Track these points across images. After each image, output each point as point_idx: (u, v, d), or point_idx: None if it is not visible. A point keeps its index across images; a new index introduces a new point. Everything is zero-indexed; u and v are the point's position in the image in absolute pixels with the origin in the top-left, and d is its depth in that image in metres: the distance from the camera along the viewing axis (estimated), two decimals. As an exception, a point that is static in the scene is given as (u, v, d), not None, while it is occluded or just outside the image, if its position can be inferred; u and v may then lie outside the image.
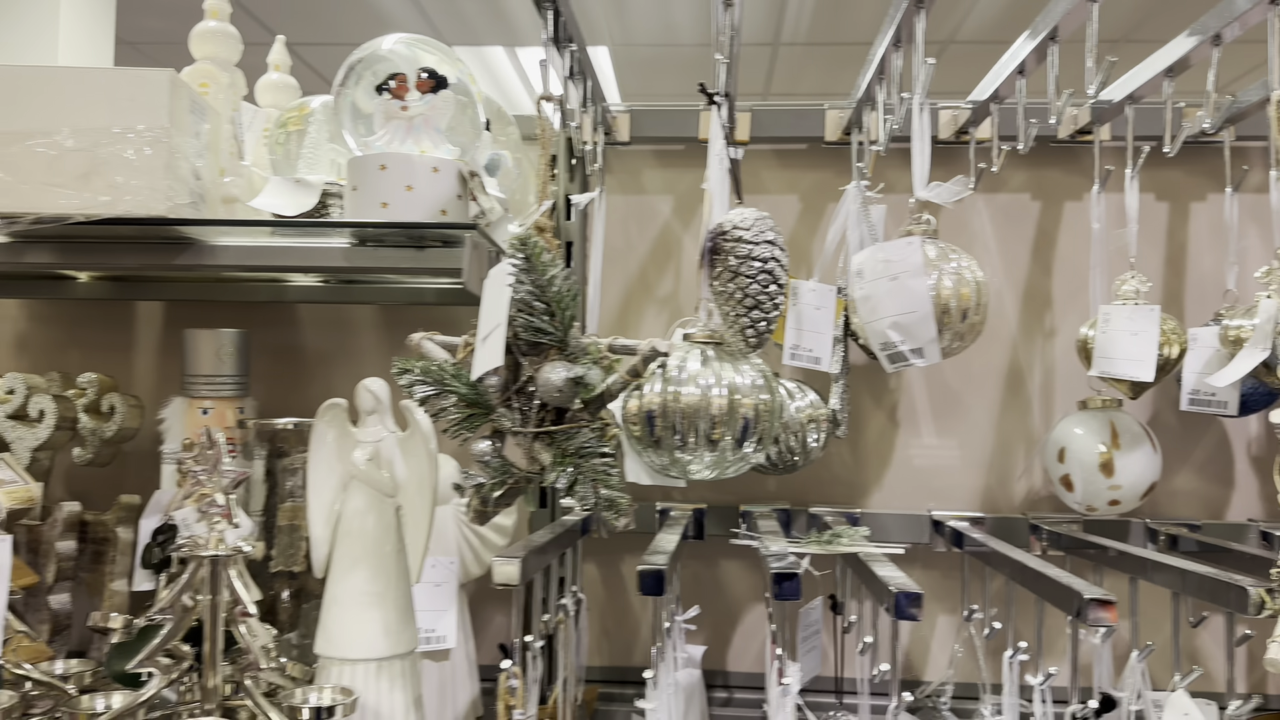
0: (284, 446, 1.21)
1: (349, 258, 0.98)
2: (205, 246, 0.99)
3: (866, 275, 0.82)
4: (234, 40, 1.17)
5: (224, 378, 1.22)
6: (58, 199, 0.92)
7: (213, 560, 0.82)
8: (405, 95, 1.01)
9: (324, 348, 1.41)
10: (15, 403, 1.15)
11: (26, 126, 0.93)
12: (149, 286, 1.34)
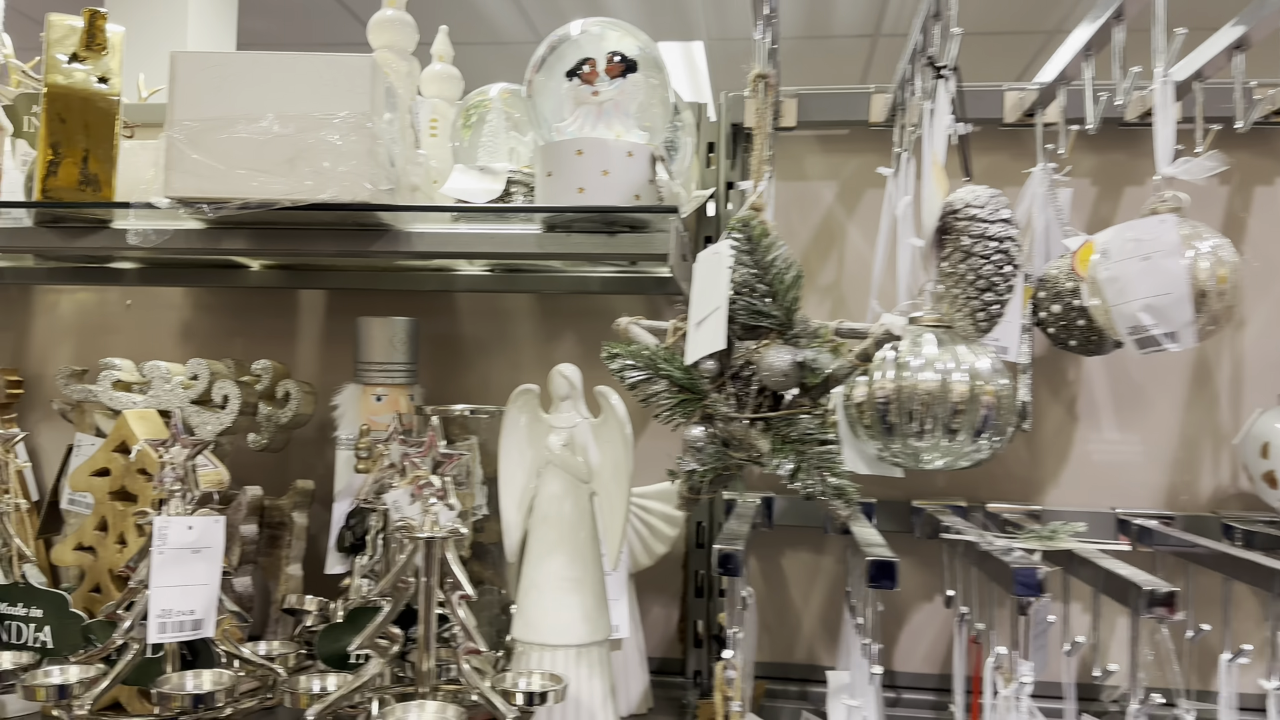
0: (450, 433, 1.22)
1: (541, 244, 0.98)
2: (400, 233, 0.99)
3: (1113, 255, 0.78)
4: (411, 29, 1.18)
5: (397, 365, 1.23)
6: (264, 184, 0.93)
7: (428, 542, 0.82)
8: (595, 80, 1.00)
9: (481, 336, 1.41)
10: (199, 388, 1.18)
11: (233, 112, 0.94)
12: (317, 275, 1.36)
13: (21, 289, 1.48)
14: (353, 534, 1.02)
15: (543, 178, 0.98)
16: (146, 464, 1.06)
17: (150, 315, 1.46)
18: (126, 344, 1.45)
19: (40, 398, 1.47)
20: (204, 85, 0.94)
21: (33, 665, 0.86)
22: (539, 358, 1.40)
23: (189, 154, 0.93)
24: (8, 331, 1.49)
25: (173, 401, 1.18)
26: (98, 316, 1.47)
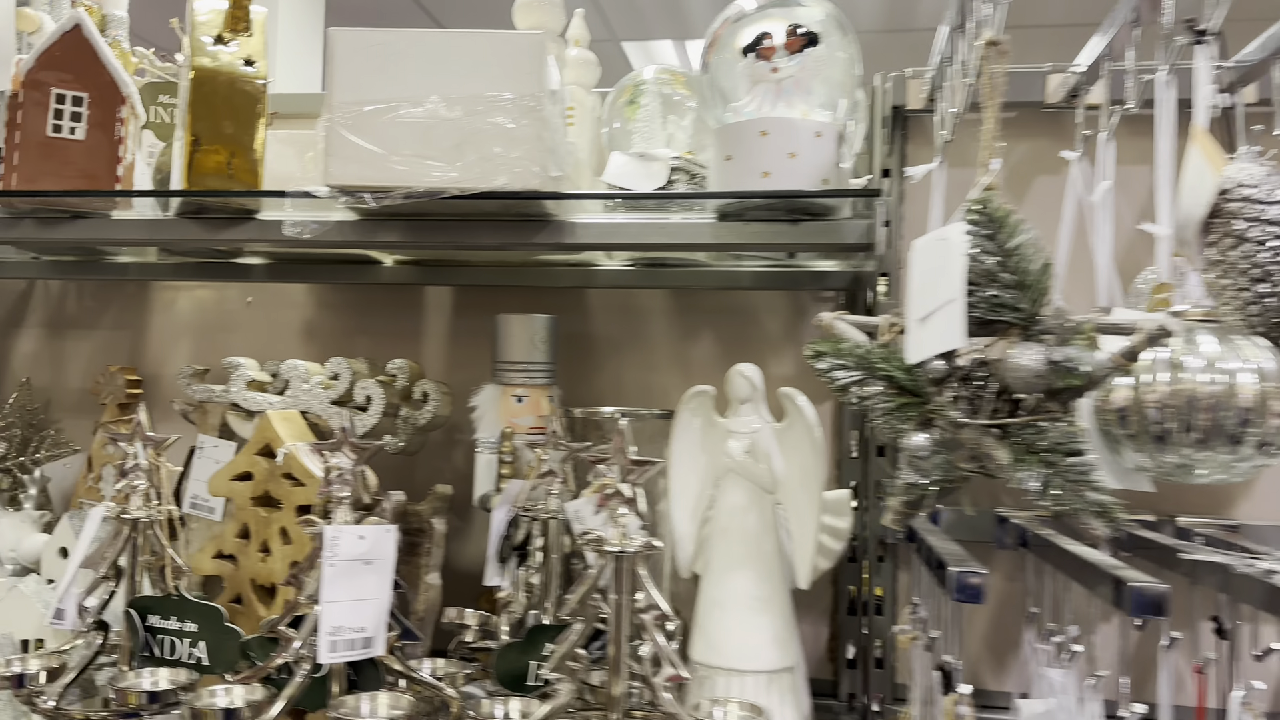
0: (593, 437, 1.15)
1: (718, 234, 0.91)
2: (565, 224, 0.93)
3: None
4: (560, 9, 1.12)
5: (537, 365, 1.16)
6: (430, 172, 0.87)
7: (618, 556, 0.75)
8: (773, 56, 0.92)
9: (612, 334, 1.34)
10: (340, 388, 1.12)
11: (395, 95, 0.88)
12: (447, 271, 1.30)
13: (139, 285, 1.45)
14: (512, 544, 0.96)
15: (720, 162, 0.90)
16: (293, 468, 1.00)
17: (271, 313, 1.42)
18: (246, 343, 1.41)
19: (158, 397, 1.43)
20: (363, 66, 0.88)
21: (189, 685, 0.81)
22: (673, 356, 1.33)
23: (349, 139, 0.88)
24: (124, 330, 1.46)
25: (312, 403, 1.13)
26: (217, 314, 1.43)
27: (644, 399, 1.32)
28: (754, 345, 1.30)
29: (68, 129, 0.99)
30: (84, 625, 0.84)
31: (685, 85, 1.05)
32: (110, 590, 0.86)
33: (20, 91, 0.99)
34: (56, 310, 1.47)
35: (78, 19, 1.00)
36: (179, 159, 0.97)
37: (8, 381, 1.46)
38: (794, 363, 1.29)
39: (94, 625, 0.85)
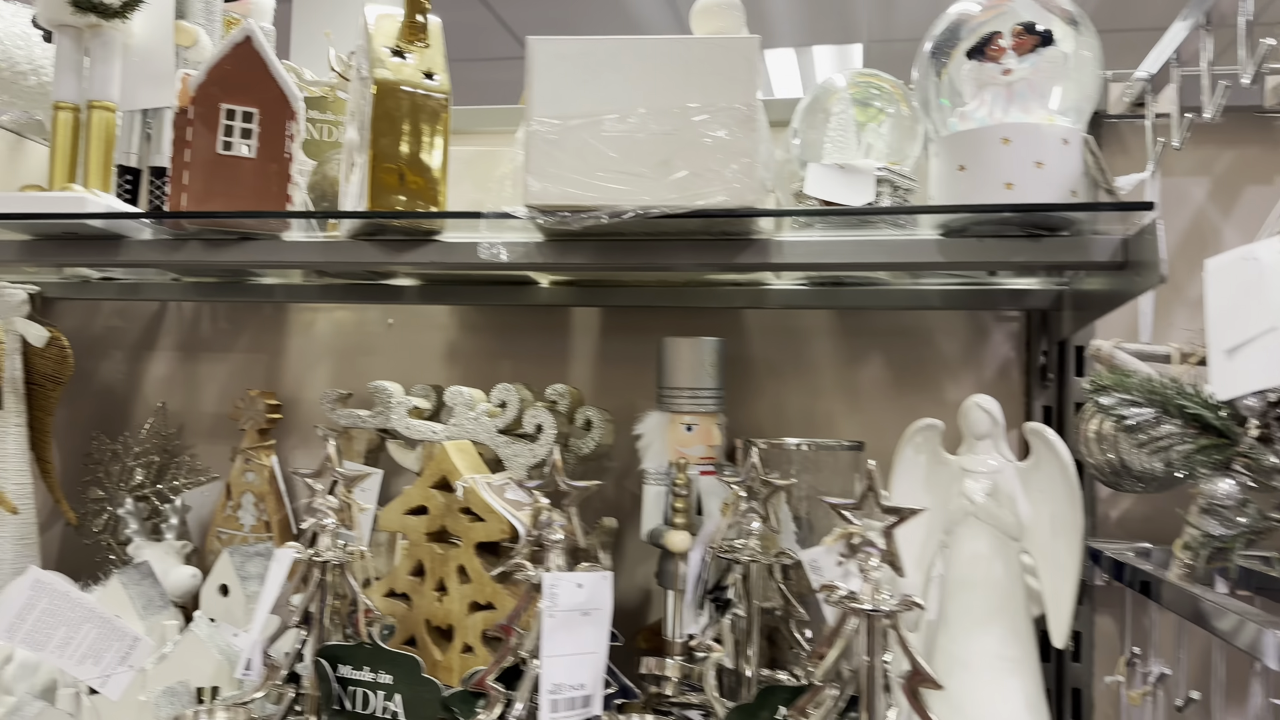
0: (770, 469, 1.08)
1: (946, 252, 0.83)
2: (773, 243, 0.86)
3: None
4: (740, 12, 1.05)
5: (706, 391, 1.09)
6: (638, 189, 0.81)
7: (872, 615, 0.68)
8: (1002, 57, 0.84)
9: (772, 357, 1.26)
10: (508, 416, 1.06)
11: (598, 107, 0.82)
12: (605, 292, 1.24)
13: (276, 307, 1.41)
14: (708, 588, 0.88)
15: (949, 172, 0.83)
16: (472, 503, 0.94)
17: (412, 335, 1.37)
18: (387, 366, 1.37)
19: (296, 422, 1.39)
20: (564, 77, 0.82)
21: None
22: (839, 381, 1.25)
23: (551, 156, 0.82)
24: (260, 353, 1.42)
25: (479, 431, 1.07)
26: (356, 337, 1.39)
27: (807, 427, 1.25)
28: (929, 369, 1.22)
29: (238, 146, 0.95)
30: (275, 677, 0.79)
31: (886, 91, 0.97)
32: (301, 639, 0.81)
33: (190, 108, 0.95)
34: (190, 333, 1.44)
35: (248, 30, 0.96)
36: (361, 177, 0.92)
37: (139, 405, 1.43)
38: (974, 387, 1.21)
39: (286, 677, 0.79)
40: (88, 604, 0.84)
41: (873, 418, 1.23)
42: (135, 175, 1.11)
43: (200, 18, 1.11)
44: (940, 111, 0.87)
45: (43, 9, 0.97)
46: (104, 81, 0.99)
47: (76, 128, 1.00)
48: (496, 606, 0.93)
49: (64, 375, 1.28)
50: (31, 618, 0.84)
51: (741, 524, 0.88)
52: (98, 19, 0.96)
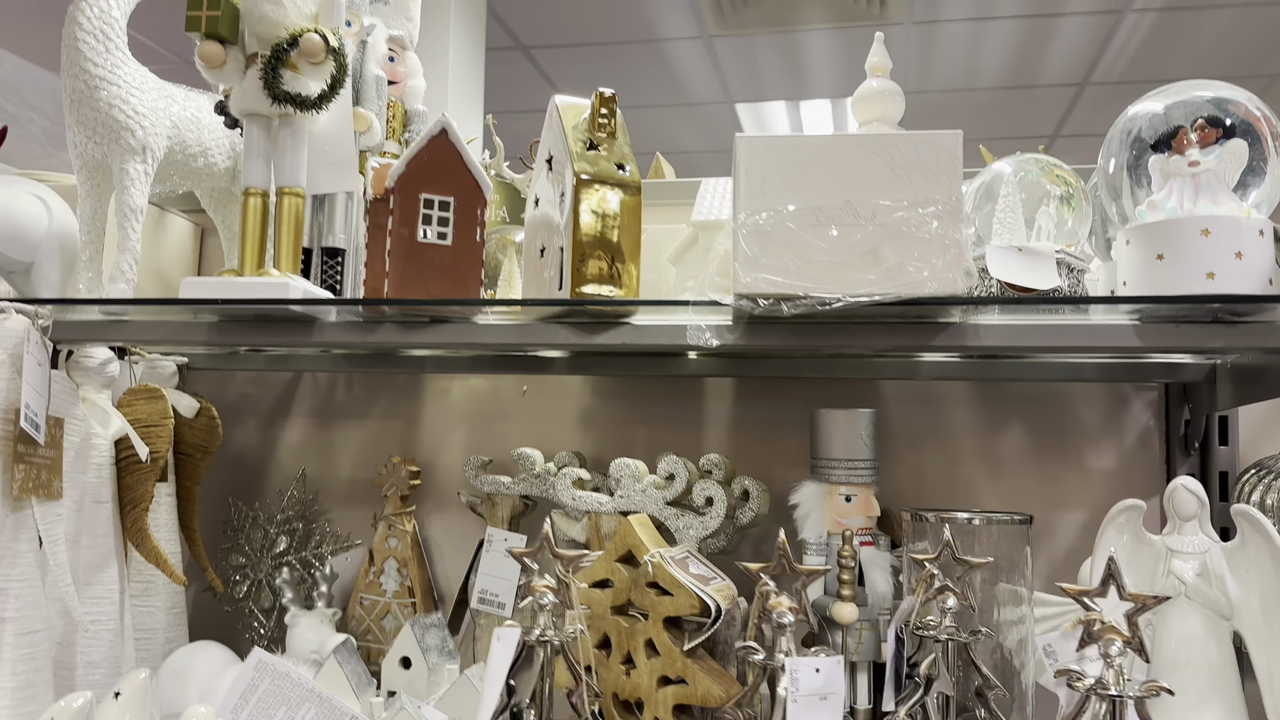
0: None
1: (1144, 337, 0.86)
2: (968, 327, 0.89)
3: None
4: (900, 98, 1.09)
5: (862, 462, 1.12)
6: (846, 279, 0.84)
7: (1118, 701, 0.70)
8: (1186, 150, 0.88)
9: (910, 424, 1.29)
10: (677, 489, 1.09)
11: (806, 201, 0.86)
12: (754, 363, 1.27)
13: (411, 376, 1.44)
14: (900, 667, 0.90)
15: (1147, 260, 0.86)
16: (660, 577, 0.97)
17: (546, 402, 1.40)
18: (522, 432, 1.39)
19: (431, 487, 1.41)
20: (772, 172, 0.86)
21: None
22: (978, 450, 1.27)
23: (761, 248, 0.85)
24: (396, 419, 1.45)
25: (647, 504, 1.09)
26: (491, 403, 1.42)
27: (948, 494, 1.27)
28: (1069, 437, 1.24)
29: (435, 234, 0.99)
30: (503, 757, 0.81)
31: (1053, 175, 1.01)
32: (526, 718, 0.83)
33: (391, 197, 0.99)
34: (325, 400, 1.47)
35: (444, 124, 1.00)
36: (557, 262, 0.95)
37: (275, 472, 1.46)
38: (1114, 456, 1.23)
39: (515, 757, 0.81)
40: (307, 684, 0.86)
41: (1013, 485, 1.25)
42: (307, 255, 1.15)
43: (373, 104, 1.15)
44: (1128, 199, 0.90)
45: (238, 100, 1.02)
46: (294, 169, 1.03)
47: (265, 212, 1.04)
48: (688, 681, 0.95)
49: (213, 445, 1.31)
50: (254, 698, 0.86)
51: (937, 602, 0.90)
52: (293, 110, 1.01)
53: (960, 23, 4.04)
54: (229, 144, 1.21)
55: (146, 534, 1.14)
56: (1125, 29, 4.03)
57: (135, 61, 1.11)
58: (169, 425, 1.16)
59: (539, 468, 1.29)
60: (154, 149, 1.10)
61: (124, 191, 1.08)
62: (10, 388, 0.94)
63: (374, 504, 1.41)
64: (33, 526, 0.95)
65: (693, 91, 4.80)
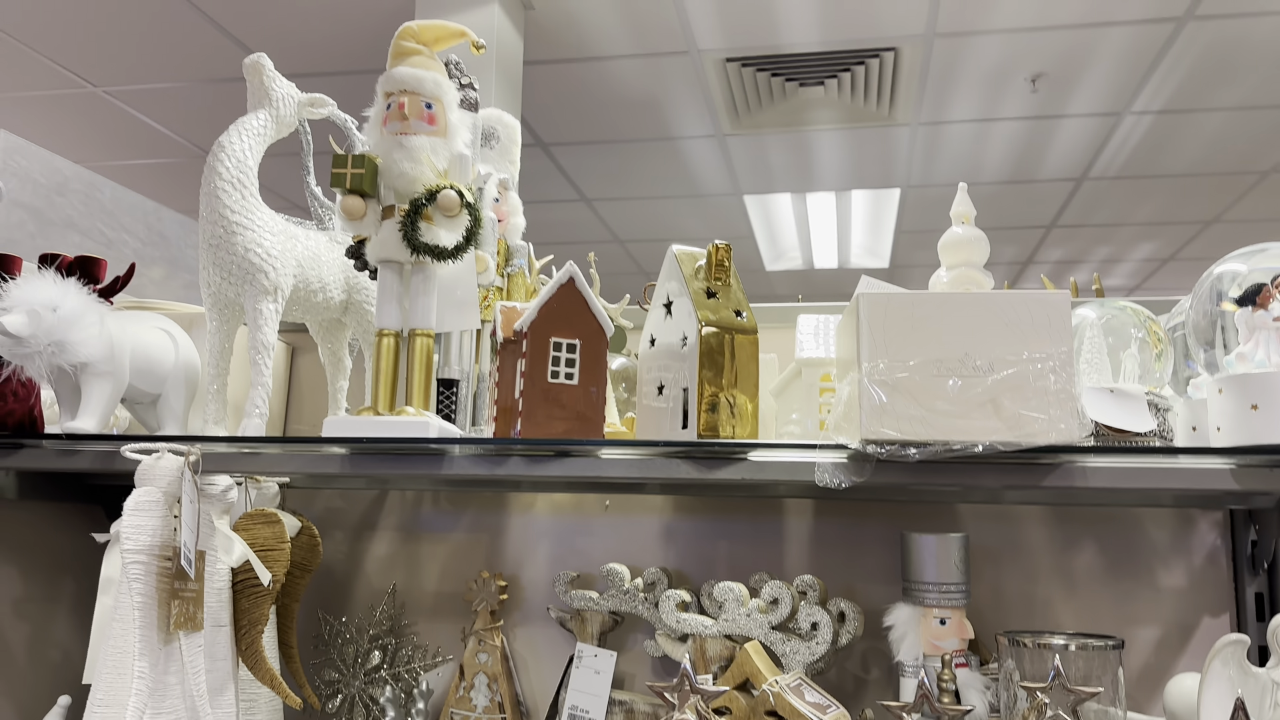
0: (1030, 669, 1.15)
1: (1240, 480, 0.92)
2: (1077, 468, 0.95)
3: None
4: (985, 244, 1.17)
5: (955, 585, 1.17)
6: (968, 427, 0.91)
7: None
8: (1270, 304, 0.96)
9: (987, 543, 1.35)
10: (780, 613, 1.14)
11: (929, 354, 0.93)
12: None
13: (495, 492, 1.49)
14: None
15: (1241, 409, 0.93)
16: (780, 708, 1.01)
17: (628, 518, 1.45)
18: (603, 547, 1.44)
19: (515, 601, 1.45)
20: (893, 326, 0.93)
21: None
22: (1054, 568, 1.33)
23: (886, 397, 0.92)
24: (480, 533, 1.49)
25: (751, 627, 1.14)
26: (573, 518, 1.47)
27: (1025, 613, 1.32)
28: (1141, 558, 1.30)
29: (564, 375, 1.05)
30: None
31: (1134, 318, 1.08)
32: None
33: (524, 341, 1.05)
34: (410, 514, 1.51)
35: (571, 273, 1.07)
36: (676, 400, 1.02)
37: (361, 585, 1.50)
38: (1184, 574, 1.29)
39: None
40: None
41: (1088, 603, 1.31)
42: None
43: (489, 245, 1.23)
44: (1209, 349, 0.98)
45: (376, 248, 1.08)
46: (424, 312, 1.10)
47: (397, 352, 1.10)
48: (811, 807, 0.98)
49: (313, 564, 1.35)
50: (408, 830, 0.89)
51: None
52: (430, 260, 1.08)
53: (964, 124, 4.21)
54: (343, 279, 1.28)
55: (261, 656, 1.17)
56: (1124, 129, 4.21)
57: (266, 206, 1.19)
58: (286, 549, 1.21)
59: (627, 584, 1.33)
60: (284, 288, 1.17)
61: (258, 330, 1.14)
62: (164, 525, 0.98)
63: (460, 617, 1.45)
64: (179, 659, 0.99)
65: (703, 184, 4.95)
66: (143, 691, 0.94)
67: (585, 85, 3.81)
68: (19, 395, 1.18)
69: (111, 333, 1.13)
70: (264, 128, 1.20)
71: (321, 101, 1.27)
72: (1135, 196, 5.13)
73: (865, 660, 1.32)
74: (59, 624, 1.48)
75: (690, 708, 0.90)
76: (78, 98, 3.84)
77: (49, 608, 1.46)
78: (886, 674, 1.31)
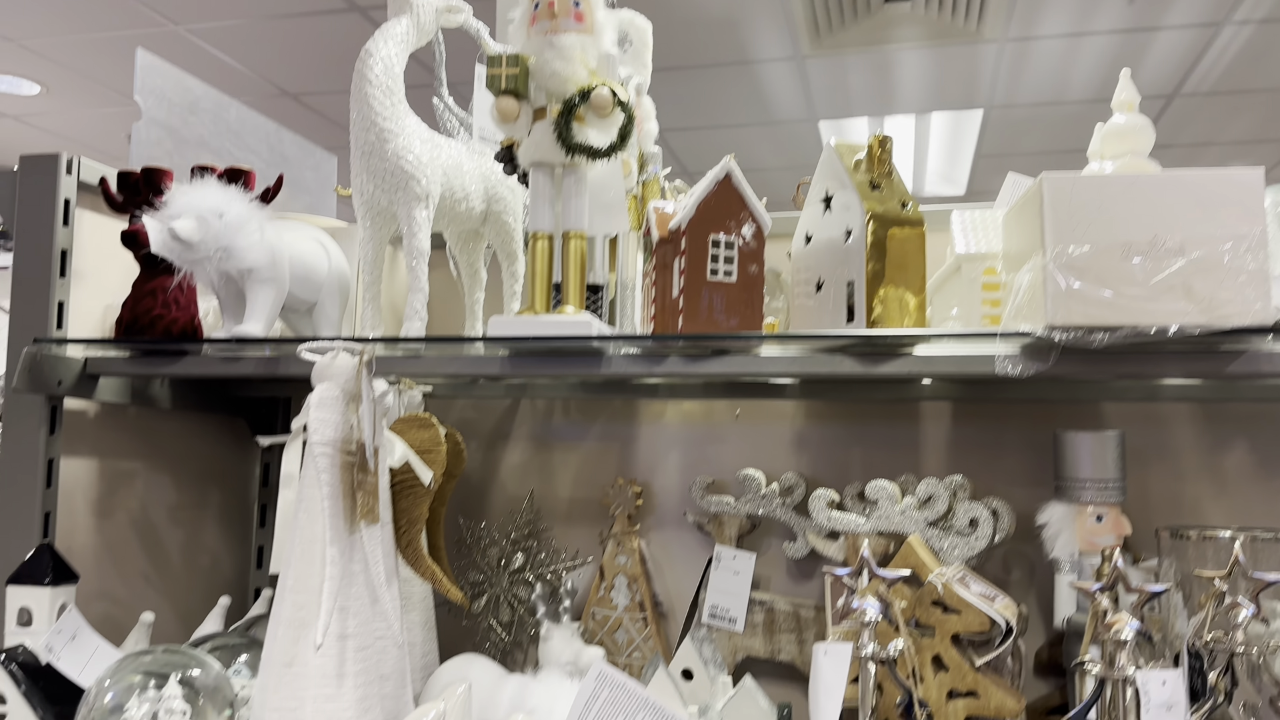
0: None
1: None
2: (1261, 354, 0.93)
3: None
4: (1151, 131, 1.14)
5: (1113, 481, 1.16)
6: (1156, 310, 0.89)
7: None
8: None
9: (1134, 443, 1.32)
10: (936, 509, 1.14)
11: (1114, 236, 0.91)
12: (994, 386, 1.31)
13: (626, 400, 1.51)
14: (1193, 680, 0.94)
15: None
16: (947, 597, 1.02)
17: (759, 425, 1.45)
18: (734, 454, 1.45)
19: (648, 507, 1.47)
20: (1079, 209, 0.91)
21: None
22: (1204, 467, 1.31)
23: (1072, 282, 0.90)
24: (612, 442, 1.51)
25: (906, 524, 1.15)
26: (704, 426, 1.48)
27: (1173, 514, 1.30)
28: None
29: (723, 272, 1.05)
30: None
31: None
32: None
33: (681, 239, 1.05)
34: (542, 424, 1.54)
35: (728, 169, 1.06)
36: (835, 295, 1.01)
37: (497, 492, 1.53)
38: (1342, 472, 1.26)
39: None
40: (641, 694, 0.92)
41: (1239, 502, 1.29)
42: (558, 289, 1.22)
43: (631, 151, 1.22)
44: None
45: (529, 150, 1.09)
46: (578, 214, 1.10)
47: (550, 254, 1.11)
48: (980, 694, 1.00)
49: (458, 470, 1.38)
50: (596, 708, 0.92)
51: (1229, 617, 0.94)
52: (585, 160, 1.08)
53: (1054, 39, 4.06)
54: (483, 189, 1.29)
55: (422, 554, 1.21)
56: (1222, 41, 4.02)
57: (413, 113, 1.19)
58: (443, 451, 1.23)
59: (764, 489, 1.35)
60: (433, 195, 1.18)
61: (412, 237, 1.15)
62: (344, 420, 1.01)
63: (595, 522, 1.47)
64: (362, 549, 1.02)
65: (778, 110, 4.86)
66: (335, 577, 0.97)
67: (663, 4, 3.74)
68: (180, 303, 1.21)
69: (271, 240, 1.15)
70: (406, 34, 1.20)
71: (457, 8, 1.26)
72: (1228, 112, 4.93)
73: (1007, 562, 1.32)
74: (208, 531, 1.54)
75: (871, 591, 0.91)
76: (160, 37, 3.88)
77: (199, 515, 1.52)
78: (1028, 575, 1.31)
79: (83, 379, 1.23)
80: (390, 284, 1.48)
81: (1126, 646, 0.82)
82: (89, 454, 1.32)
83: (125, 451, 1.38)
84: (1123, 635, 0.82)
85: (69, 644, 1.10)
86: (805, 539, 1.25)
